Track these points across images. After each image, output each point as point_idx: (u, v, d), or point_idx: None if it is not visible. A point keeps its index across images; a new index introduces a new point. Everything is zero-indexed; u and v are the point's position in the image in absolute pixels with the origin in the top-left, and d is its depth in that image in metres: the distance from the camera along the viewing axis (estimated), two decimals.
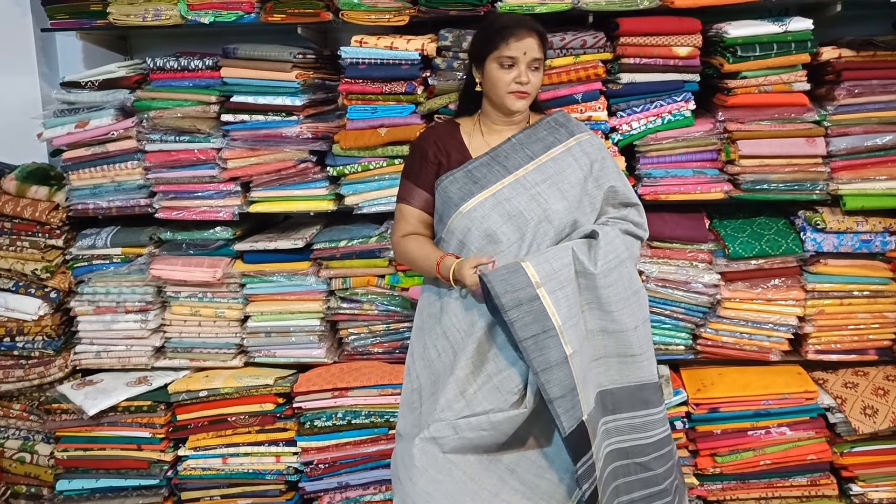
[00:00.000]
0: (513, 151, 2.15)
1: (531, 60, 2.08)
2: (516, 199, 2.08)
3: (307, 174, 2.87)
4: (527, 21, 2.12)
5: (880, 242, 2.75)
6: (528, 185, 2.10)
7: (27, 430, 3.04)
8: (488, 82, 2.13)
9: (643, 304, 2.11)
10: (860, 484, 2.80)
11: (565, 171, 2.12)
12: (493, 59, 2.09)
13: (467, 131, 2.22)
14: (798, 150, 2.72)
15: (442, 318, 2.13)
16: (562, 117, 2.25)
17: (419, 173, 2.18)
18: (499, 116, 2.19)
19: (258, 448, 2.89)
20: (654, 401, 2.11)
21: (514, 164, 2.13)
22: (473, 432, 1.99)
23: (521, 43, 2.07)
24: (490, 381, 2.01)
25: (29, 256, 2.97)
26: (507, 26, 2.09)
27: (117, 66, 2.97)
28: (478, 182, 2.11)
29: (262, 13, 2.81)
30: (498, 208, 2.08)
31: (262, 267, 2.92)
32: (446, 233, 2.14)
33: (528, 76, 2.08)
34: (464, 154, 2.17)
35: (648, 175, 2.78)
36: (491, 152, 2.16)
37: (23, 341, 2.97)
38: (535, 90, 2.14)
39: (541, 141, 2.17)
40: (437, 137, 2.21)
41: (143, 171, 2.92)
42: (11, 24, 3.16)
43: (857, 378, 2.83)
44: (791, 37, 2.65)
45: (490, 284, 1.91)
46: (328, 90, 2.97)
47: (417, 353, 2.19)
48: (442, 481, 1.99)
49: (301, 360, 2.99)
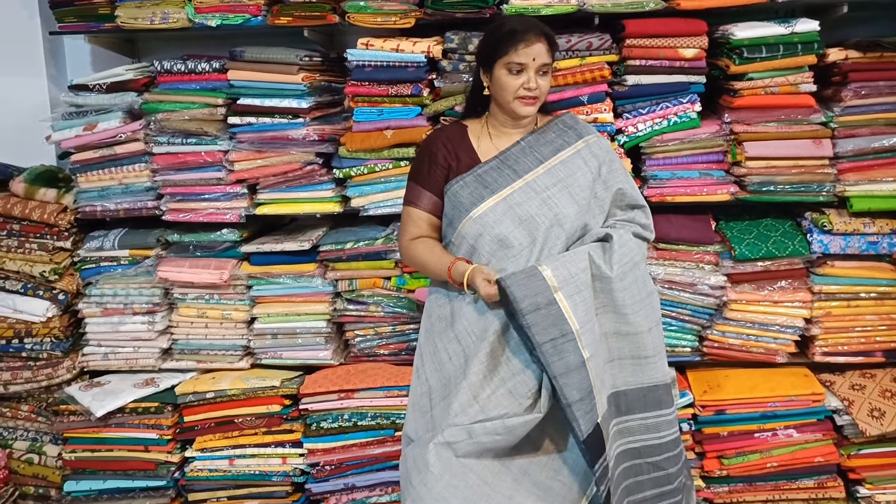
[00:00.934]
0: (522, 155, 2.14)
1: (540, 66, 2.07)
2: (527, 204, 2.08)
3: (313, 176, 2.88)
4: (536, 25, 2.10)
5: (887, 244, 2.74)
6: (538, 188, 2.10)
7: (35, 431, 3.05)
8: (496, 87, 2.12)
9: (656, 305, 2.12)
10: (867, 486, 2.78)
11: (575, 174, 2.12)
12: (502, 65, 2.08)
13: (475, 134, 2.21)
14: (805, 152, 2.72)
15: (454, 323, 2.12)
16: (570, 119, 2.25)
17: (428, 176, 2.17)
18: (507, 119, 2.18)
19: (265, 449, 2.90)
20: (666, 401, 2.12)
21: (524, 167, 2.12)
22: (488, 437, 1.98)
23: (531, 49, 2.06)
24: (504, 385, 2.00)
25: (37, 258, 2.98)
26: (516, 31, 2.07)
27: (125, 68, 2.98)
28: (488, 186, 2.11)
29: (269, 16, 2.82)
30: (509, 213, 2.07)
31: (268, 269, 2.93)
32: (457, 237, 2.13)
33: (536, 82, 2.07)
34: (473, 157, 2.16)
35: (654, 177, 2.78)
36: (500, 156, 2.15)
37: (31, 343, 2.98)
38: (543, 95, 2.13)
39: (550, 144, 2.17)
40: (446, 140, 2.19)
41: (150, 173, 2.93)
42: (20, 27, 3.17)
43: (865, 380, 2.82)
44: (797, 38, 2.65)
45: (509, 289, 1.91)
46: (334, 92, 2.98)
47: (427, 355, 2.18)
48: (458, 486, 1.98)
49: (307, 361, 2.99)
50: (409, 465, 2.09)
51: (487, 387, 2.00)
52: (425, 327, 2.24)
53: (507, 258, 2.06)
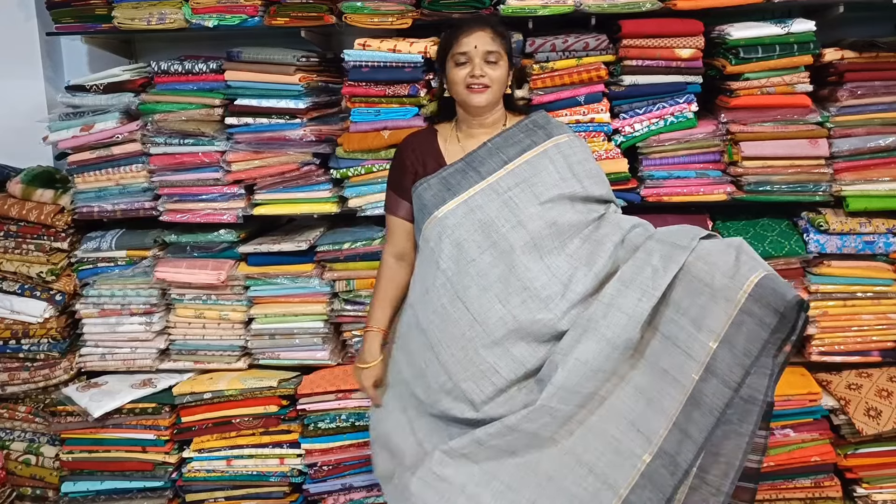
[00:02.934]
0: (488, 156, 2.14)
1: (485, 53, 2.10)
2: (488, 207, 2.08)
3: (311, 177, 2.88)
4: (479, 17, 2.16)
5: (883, 244, 2.75)
6: (500, 190, 2.10)
7: (32, 432, 3.05)
8: (450, 83, 2.17)
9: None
10: (864, 486, 2.79)
11: (540, 174, 2.11)
12: (450, 59, 2.14)
13: (444, 137, 2.24)
14: (801, 152, 2.72)
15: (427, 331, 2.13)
16: (541, 118, 2.23)
17: (399, 183, 2.22)
18: (472, 119, 2.20)
19: (262, 450, 2.90)
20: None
21: (488, 169, 2.12)
22: (499, 439, 1.98)
23: (471, 37, 2.10)
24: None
25: (34, 259, 2.98)
26: (458, 26, 2.15)
27: (122, 69, 2.98)
28: (451, 188, 2.12)
29: (266, 17, 2.82)
30: (470, 216, 2.08)
31: (266, 269, 2.93)
32: (422, 240, 2.16)
33: (482, 70, 2.10)
34: (440, 161, 2.19)
35: (651, 177, 2.78)
36: (466, 158, 2.16)
37: (28, 344, 2.98)
38: (495, 83, 2.13)
39: (517, 144, 2.16)
40: (415, 146, 2.24)
41: (147, 174, 2.93)
42: (16, 27, 3.17)
43: (861, 380, 2.82)
44: (794, 38, 2.65)
45: None
46: (331, 93, 2.98)
47: (402, 360, 2.20)
48: (480, 494, 1.97)
49: (305, 362, 2.99)
50: (418, 484, 2.02)
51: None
52: (401, 333, 2.24)
53: (465, 263, 2.06)
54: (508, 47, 2.17)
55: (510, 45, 2.20)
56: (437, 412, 2.09)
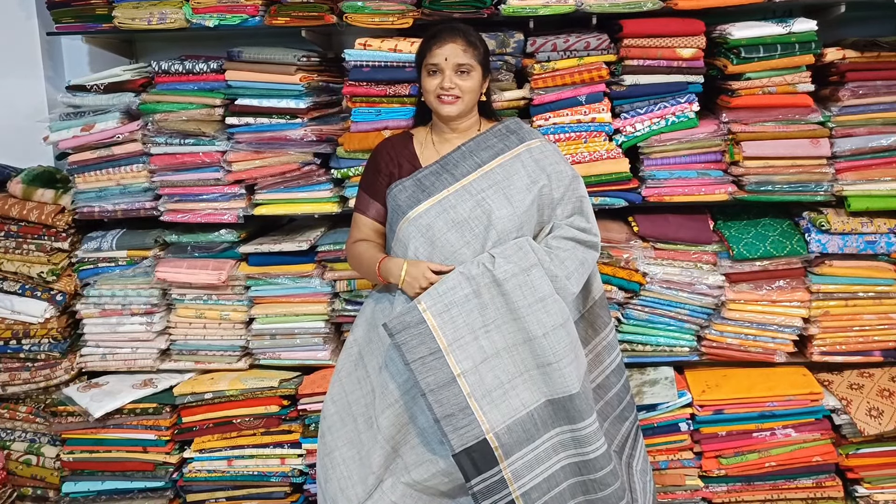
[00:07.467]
0: (462, 159, 2.20)
1: (455, 66, 2.15)
2: (461, 206, 2.12)
3: (311, 177, 2.88)
4: (454, 27, 2.19)
5: (885, 243, 2.74)
6: (473, 191, 2.15)
7: (33, 432, 3.05)
8: (423, 90, 2.22)
9: (551, 310, 2.04)
10: (866, 486, 2.79)
11: (512, 178, 2.15)
12: (424, 68, 2.20)
13: (420, 141, 2.29)
14: (802, 152, 2.72)
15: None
16: (514, 124, 2.29)
17: (372, 185, 2.27)
18: (445, 125, 2.25)
19: (263, 450, 2.90)
20: (585, 411, 2.05)
21: (462, 171, 2.18)
22: (432, 481, 2.12)
23: (442, 49, 2.15)
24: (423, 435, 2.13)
25: (35, 259, 2.98)
26: (432, 35, 2.18)
27: (122, 69, 2.98)
28: (425, 190, 2.16)
29: (267, 16, 2.82)
30: (443, 215, 2.12)
31: (266, 269, 2.93)
32: (395, 241, 2.19)
33: (452, 82, 2.15)
34: (414, 164, 2.24)
35: (652, 177, 2.78)
36: (441, 161, 2.21)
37: (29, 344, 2.98)
38: (466, 94, 2.18)
39: (490, 148, 2.21)
40: (391, 149, 2.29)
41: (148, 173, 2.93)
42: (17, 27, 3.17)
43: (863, 379, 2.82)
44: (795, 38, 2.65)
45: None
46: (332, 93, 2.98)
47: (347, 367, 2.31)
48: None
49: (306, 362, 2.99)
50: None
51: (406, 444, 2.14)
52: (363, 336, 2.29)
53: (439, 260, 2.10)
54: (482, 57, 2.22)
55: (485, 53, 2.24)
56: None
